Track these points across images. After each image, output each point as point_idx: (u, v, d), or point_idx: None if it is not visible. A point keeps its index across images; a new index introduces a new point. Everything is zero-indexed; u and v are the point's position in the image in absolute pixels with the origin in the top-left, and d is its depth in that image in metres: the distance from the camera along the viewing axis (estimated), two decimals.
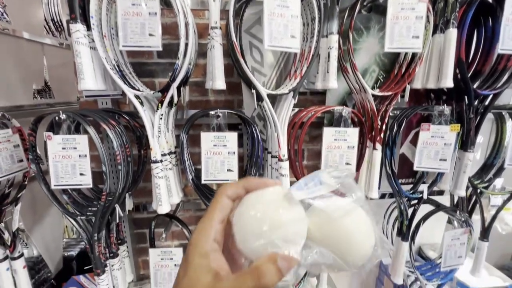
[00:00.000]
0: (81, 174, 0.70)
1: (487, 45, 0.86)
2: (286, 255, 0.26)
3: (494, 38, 0.83)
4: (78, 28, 0.63)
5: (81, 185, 0.70)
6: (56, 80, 1.52)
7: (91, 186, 0.71)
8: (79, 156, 0.68)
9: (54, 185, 0.69)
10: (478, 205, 1.02)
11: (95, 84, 0.68)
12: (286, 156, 0.77)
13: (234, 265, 0.30)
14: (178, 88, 0.76)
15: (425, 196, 0.93)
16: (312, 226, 0.29)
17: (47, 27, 1.57)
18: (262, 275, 0.25)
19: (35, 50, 1.38)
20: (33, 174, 0.73)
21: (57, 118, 0.66)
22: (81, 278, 1.13)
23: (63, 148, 0.68)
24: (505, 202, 1.01)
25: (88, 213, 0.76)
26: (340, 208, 0.29)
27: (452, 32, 0.75)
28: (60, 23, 1.64)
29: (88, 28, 0.66)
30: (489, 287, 1.11)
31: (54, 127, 0.69)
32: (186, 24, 0.67)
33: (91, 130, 0.68)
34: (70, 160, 0.68)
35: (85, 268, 1.18)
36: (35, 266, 1.20)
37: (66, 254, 1.43)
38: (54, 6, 1.59)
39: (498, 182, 1.10)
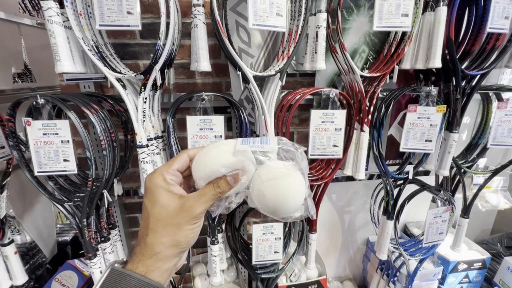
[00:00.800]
0: (64, 160, 0.68)
1: (477, 24, 0.85)
2: (233, 174, 0.36)
3: (485, 17, 0.82)
4: (49, 5, 0.59)
5: (65, 171, 0.69)
6: (36, 63, 1.45)
7: (76, 172, 0.70)
8: (61, 141, 0.67)
9: (38, 172, 0.68)
10: (461, 184, 1.05)
11: (73, 66, 0.65)
12: None
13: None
14: (162, 70, 0.73)
15: (410, 176, 0.95)
16: (256, 175, 0.38)
17: (22, 5, 1.48)
18: (217, 186, 0.36)
19: (11, 30, 1.30)
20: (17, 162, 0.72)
21: (35, 102, 0.63)
22: (76, 262, 1.15)
23: (44, 134, 0.66)
24: (486, 181, 1.04)
25: (76, 199, 0.76)
26: (280, 167, 0.37)
27: (442, 10, 0.73)
28: (36, 1, 1.54)
29: (62, 5, 0.62)
30: (467, 260, 1.18)
31: (33, 112, 0.67)
32: (167, 1, 0.64)
33: (72, 115, 0.66)
34: (52, 146, 0.67)
35: (80, 252, 1.20)
36: (29, 252, 1.21)
37: (60, 239, 1.45)
38: None
39: (482, 162, 1.13)
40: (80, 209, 0.77)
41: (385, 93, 0.92)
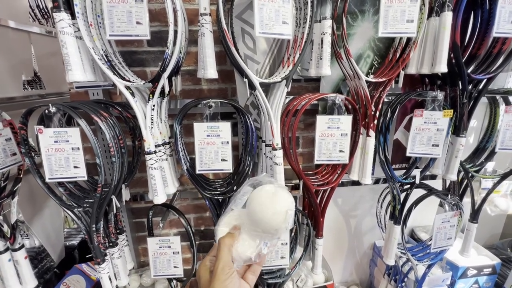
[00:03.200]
0: (75, 167, 0.70)
1: (483, 28, 0.85)
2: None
3: (491, 21, 0.82)
4: (62, 17, 0.61)
5: (75, 177, 0.70)
6: (46, 70, 1.48)
7: (85, 178, 0.71)
8: (72, 149, 0.68)
9: (49, 178, 0.70)
10: (469, 188, 1.04)
11: (84, 75, 0.66)
12: (280, 145, 0.77)
13: None
14: (169, 78, 0.75)
15: (417, 181, 0.95)
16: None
17: (32, 14, 1.52)
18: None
19: (21, 39, 1.33)
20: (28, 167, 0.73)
21: (46, 111, 0.65)
22: (84, 266, 1.16)
23: (55, 141, 0.68)
24: (495, 185, 1.03)
25: (85, 205, 0.77)
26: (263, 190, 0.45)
27: (447, 15, 0.73)
28: (46, 10, 1.58)
29: (73, 16, 0.64)
30: (476, 266, 1.16)
31: (45, 120, 0.69)
32: (175, 10, 0.65)
33: (82, 122, 0.68)
34: (63, 153, 0.68)
35: (87, 256, 1.21)
36: (37, 256, 1.23)
37: (68, 244, 1.46)
38: None
39: (490, 166, 1.12)
40: (89, 215, 0.78)
41: (390, 98, 0.92)
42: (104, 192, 0.76)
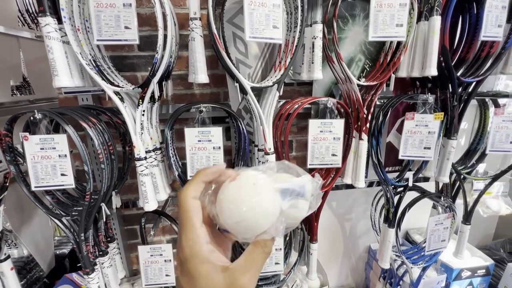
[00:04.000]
0: (62, 175, 0.68)
1: (471, 32, 0.86)
2: (274, 224, 0.30)
3: (478, 25, 0.83)
4: (47, 22, 0.60)
5: (63, 185, 0.68)
6: (35, 75, 1.45)
7: (73, 186, 0.70)
8: (59, 156, 0.67)
9: (35, 187, 0.68)
10: (461, 190, 1.05)
11: (71, 81, 0.65)
12: (272, 149, 0.77)
13: (222, 244, 0.32)
14: (160, 83, 0.74)
15: (410, 184, 0.95)
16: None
17: (21, 19, 1.49)
18: (264, 245, 0.29)
19: (10, 44, 1.31)
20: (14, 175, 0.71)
21: (32, 118, 0.63)
22: (74, 276, 1.13)
23: (42, 149, 0.66)
24: (486, 187, 1.04)
25: (74, 213, 0.75)
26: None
27: (436, 20, 0.74)
28: (35, 15, 1.55)
29: (60, 21, 0.63)
30: (470, 267, 1.16)
31: (31, 127, 0.67)
32: (164, 15, 0.65)
33: (70, 129, 0.66)
34: (49, 160, 0.66)
35: (78, 265, 1.18)
36: (26, 266, 1.19)
37: (58, 252, 1.42)
38: None
39: (481, 167, 1.13)
40: (78, 223, 0.76)
41: (382, 101, 0.92)
42: (93, 200, 0.74)
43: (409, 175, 0.95)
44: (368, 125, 0.86)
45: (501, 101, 0.99)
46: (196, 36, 0.68)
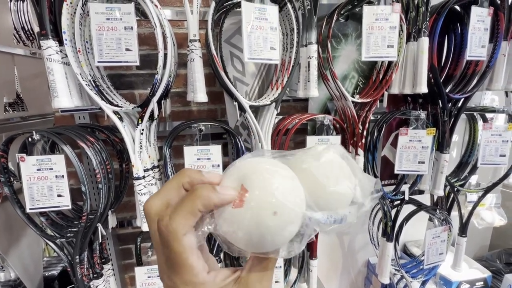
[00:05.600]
0: (59, 196, 0.67)
1: (457, 50, 0.91)
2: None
3: (463, 44, 0.88)
4: (49, 45, 0.61)
5: (59, 207, 0.67)
6: (29, 91, 1.44)
7: (70, 207, 0.68)
8: (56, 176, 0.66)
9: (30, 209, 0.66)
10: (455, 202, 1.06)
11: (70, 101, 0.65)
12: None
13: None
14: (159, 102, 0.74)
15: (406, 197, 0.96)
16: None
17: (17, 36, 1.50)
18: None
19: (4, 60, 1.31)
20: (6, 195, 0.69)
21: (30, 139, 0.62)
22: None
23: (38, 169, 0.65)
24: (480, 199, 1.06)
25: (69, 235, 0.73)
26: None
27: (424, 41, 0.78)
28: (31, 32, 1.56)
29: (61, 43, 0.63)
30: (469, 279, 1.16)
31: (28, 147, 0.66)
32: (164, 36, 0.66)
33: (67, 149, 0.65)
34: (46, 181, 0.65)
35: (68, 287, 1.13)
36: None
37: (47, 274, 1.37)
38: (24, 14, 1.52)
39: (473, 179, 1.16)
40: (73, 245, 0.74)
41: (376, 116, 0.95)
42: (89, 220, 0.73)
43: (405, 188, 0.97)
44: (363, 140, 0.87)
45: (488, 115, 1.03)
46: (195, 57, 0.69)
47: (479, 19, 0.78)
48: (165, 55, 0.67)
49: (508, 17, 0.83)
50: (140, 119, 0.69)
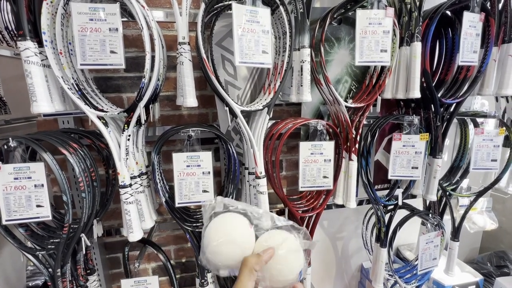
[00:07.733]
0: (38, 206, 0.63)
1: (448, 55, 0.91)
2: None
3: (455, 49, 0.88)
4: (27, 46, 0.57)
5: (38, 218, 0.63)
6: (12, 94, 1.38)
7: (50, 218, 0.64)
8: (35, 186, 0.62)
9: (6, 220, 0.62)
10: (448, 206, 1.07)
11: (51, 106, 0.62)
12: (264, 173, 0.75)
13: None
14: (147, 106, 0.71)
15: (400, 203, 0.95)
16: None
17: (0, 36, 1.44)
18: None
19: None
20: None
21: (6, 146, 0.58)
22: None
23: (16, 178, 0.61)
24: (472, 203, 1.06)
25: (50, 247, 0.69)
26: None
27: (417, 46, 0.78)
28: (15, 32, 1.50)
29: (40, 44, 0.60)
30: (462, 283, 1.17)
31: (4, 154, 0.62)
32: (152, 38, 0.63)
33: (48, 156, 0.62)
34: (24, 191, 0.61)
35: None
36: None
37: (30, 284, 1.30)
38: (7, 14, 1.46)
39: (464, 183, 1.16)
40: (54, 258, 0.70)
41: (369, 120, 0.94)
42: (72, 231, 0.69)
43: (398, 192, 0.96)
44: (357, 145, 0.86)
45: (478, 119, 1.04)
46: (184, 60, 0.67)
47: (471, 25, 0.78)
48: (153, 57, 0.64)
49: (499, 23, 0.83)
50: (126, 125, 0.66)
